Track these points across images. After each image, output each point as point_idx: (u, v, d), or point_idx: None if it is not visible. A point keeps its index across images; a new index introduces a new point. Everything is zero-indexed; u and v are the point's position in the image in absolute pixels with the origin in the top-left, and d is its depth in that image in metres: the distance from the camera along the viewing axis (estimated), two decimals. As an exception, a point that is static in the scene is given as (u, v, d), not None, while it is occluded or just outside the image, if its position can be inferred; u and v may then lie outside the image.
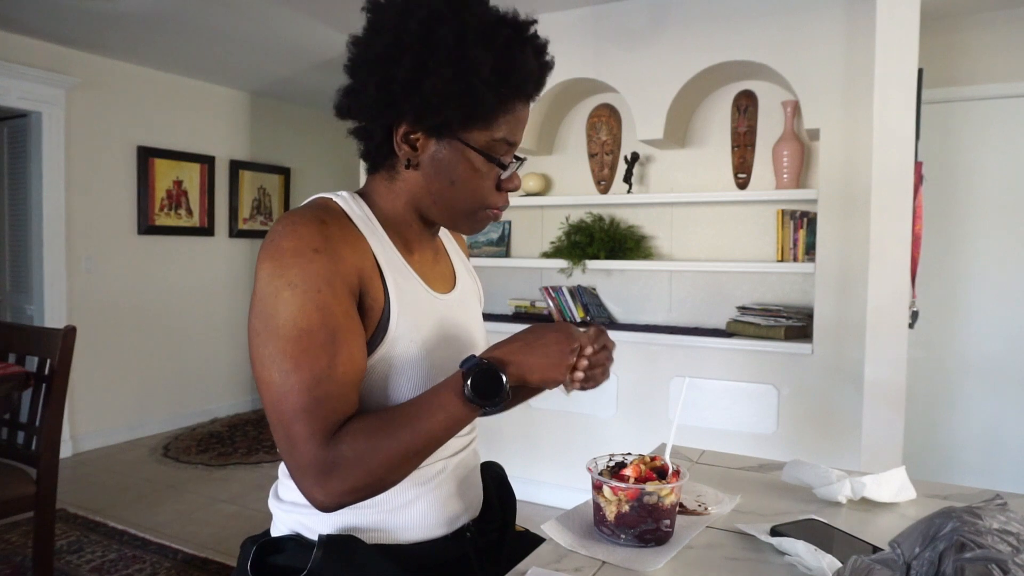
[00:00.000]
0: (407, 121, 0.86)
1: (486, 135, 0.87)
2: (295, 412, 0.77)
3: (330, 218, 0.85)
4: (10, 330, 2.33)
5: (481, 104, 0.84)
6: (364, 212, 0.92)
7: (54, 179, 3.86)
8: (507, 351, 0.83)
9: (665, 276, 3.31)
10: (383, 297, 0.87)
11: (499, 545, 1.03)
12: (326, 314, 0.79)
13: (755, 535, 0.93)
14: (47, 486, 2.08)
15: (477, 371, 0.80)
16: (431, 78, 0.82)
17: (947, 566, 0.58)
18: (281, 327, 0.78)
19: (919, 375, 3.12)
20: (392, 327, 0.87)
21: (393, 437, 0.78)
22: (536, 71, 0.89)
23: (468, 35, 0.82)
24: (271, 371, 0.78)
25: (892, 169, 2.30)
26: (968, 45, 3.05)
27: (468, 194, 0.90)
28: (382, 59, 0.84)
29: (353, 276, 0.83)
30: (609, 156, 3.39)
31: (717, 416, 2.96)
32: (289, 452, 0.78)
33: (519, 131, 0.91)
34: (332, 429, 0.78)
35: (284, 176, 5.29)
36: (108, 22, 3.48)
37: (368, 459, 0.77)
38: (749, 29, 2.86)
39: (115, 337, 4.23)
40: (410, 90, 0.83)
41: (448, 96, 0.83)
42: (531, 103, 0.93)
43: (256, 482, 3.60)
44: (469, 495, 1.00)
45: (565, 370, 0.83)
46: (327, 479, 0.77)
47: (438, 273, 1.00)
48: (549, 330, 0.85)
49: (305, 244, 0.80)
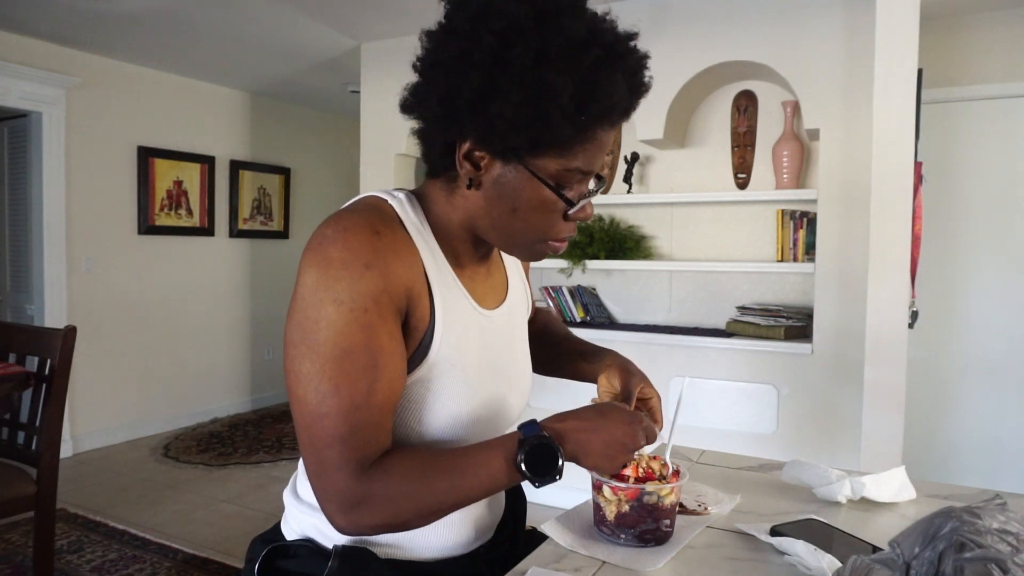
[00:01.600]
0: (471, 141, 0.78)
1: (559, 163, 0.78)
2: (329, 438, 0.74)
3: (383, 226, 0.78)
4: (10, 330, 2.33)
5: (555, 133, 0.75)
6: (419, 219, 0.85)
7: (54, 179, 3.86)
8: (569, 427, 0.78)
9: (665, 276, 3.31)
10: (429, 316, 0.82)
11: (510, 555, 1.01)
12: (370, 335, 0.74)
13: (755, 535, 0.93)
14: (47, 486, 2.08)
15: (535, 443, 0.76)
16: (500, 100, 0.73)
17: (947, 566, 0.58)
18: (322, 344, 0.73)
19: (919, 375, 3.12)
20: (434, 349, 0.82)
21: (429, 487, 0.75)
22: (625, 98, 0.77)
23: (549, 54, 0.72)
24: (307, 390, 0.74)
25: (892, 169, 2.30)
26: (968, 45, 3.05)
27: (530, 224, 0.82)
28: (449, 69, 0.76)
29: (402, 294, 0.78)
30: (609, 156, 3.39)
31: (717, 416, 2.96)
32: (318, 475, 0.75)
33: (599, 158, 0.81)
34: (366, 460, 0.75)
35: (284, 176, 5.29)
36: (108, 22, 3.48)
37: (399, 503, 0.74)
38: (749, 29, 2.86)
39: (115, 337, 4.23)
40: (475, 110, 0.75)
41: (517, 122, 0.74)
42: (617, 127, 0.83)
43: (256, 482, 3.60)
44: (495, 510, 0.98)
45: (620, 465, 0.80)
46: (353, 511, 0.74)
47: (489, 287, 0.94)
48: (619, 417, 0.80)
49: (356, 257, 0.74)
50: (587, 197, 0.83)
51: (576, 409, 0.82)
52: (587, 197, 0.83)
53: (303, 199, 5.44)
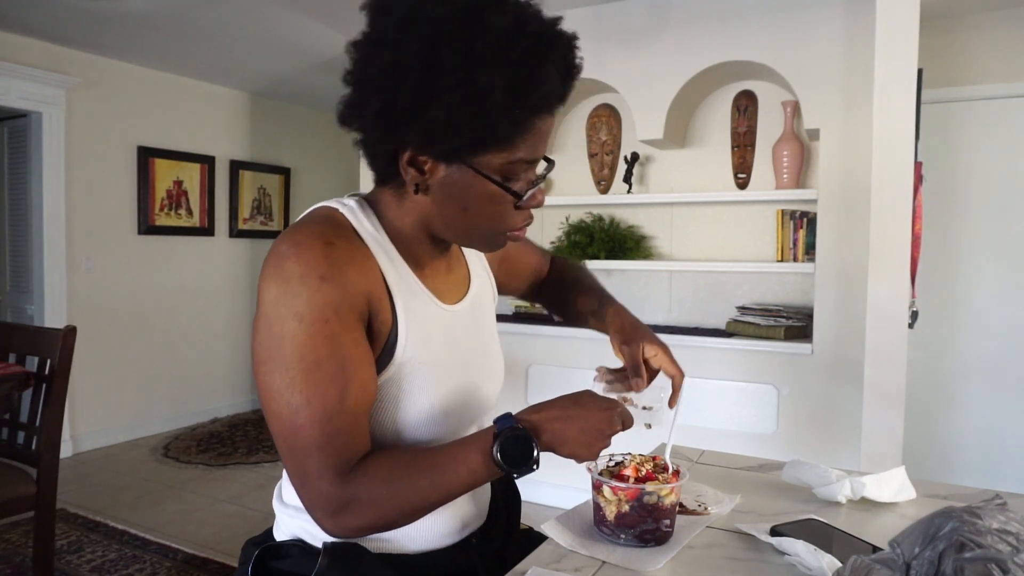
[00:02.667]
0: (412, 147, 0.79)
1: (503, 157, 0.79)
2: (307, 448, 0.75)
3: (336, 237, 0.80)
4: (10, 330, 2.33)
5: (494, 130, 0.76)
6: (373, 225, 0.86)
7: (54, 179, 3.86)
8: (544, 417, 0.79)
9: (665, 276, 3.31)
10: (391, 319, 0.83)
11: (504, 549, 1.02)
12: (335, 345, 0.76)
13: (755, 535, 0.93)
14: (47, 486, 2.08)
15: (509, 435, 0.77)
16: (435, 105, 0.74)
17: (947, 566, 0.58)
18: (289, 359, 0.75)
19: (919, 375, 3.12)
20: (400, 350, 0.84)
21: (411, 486, 0.76)
22: (558, 84, 0.78)
23: (476, 54, 0.72)
24: (280, 404, 0.76)
25: (892, 169, 2.30)
26: (968, 45, 3.05)
27: (483, 219, 0.83)
28: (381, 81, 0.76)
29: (362, 301, 0.79)
30: (609, 156, 3.39)
31: (717, 416, 2.96)
32: (301, 484, 0.77)
33: (541, 146, 0.83)
34: (346, 464, 0.76)
35: (284, 176, 5.29)
36: (108, 22, 3.48)
37: (383, 503, 0.76)
38: (749, 29, 2.86)
39: (115, 337, 4.23)
40: (412, 118, 0.76)
41: (455, 125, 0.75)
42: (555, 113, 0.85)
43: (256, 482, 3.60)
44: (479, 501, 0.98)
45: (597, 452, 0.80)
46: (339, 515, 0.76)
47: (451, 282, 0.96)
48: (595, 405, 0.81)
49: (311, 270, 0.75)
50: (536, 184, 0.84)
51: (551, 399, 0.82)
52: (536, 184, 0.84)
53: (303, 199, 5.44)
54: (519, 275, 1.21)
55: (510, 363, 3.36)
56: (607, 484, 0.89)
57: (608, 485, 0.89)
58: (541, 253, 1.26)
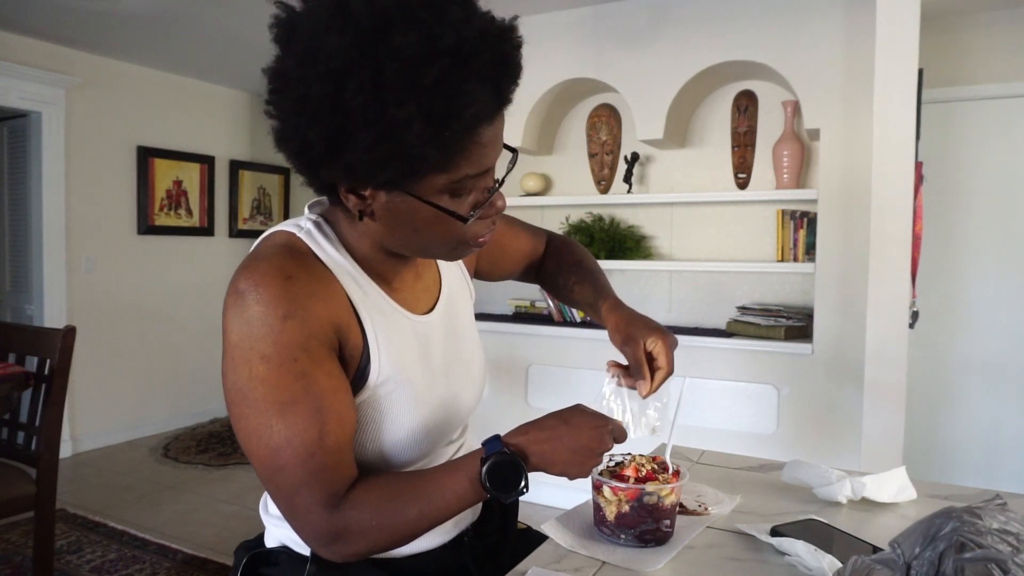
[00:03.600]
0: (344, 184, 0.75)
1: (445, 178, 0.73)
2: (293, 487, 0.74)
3: (296, 268, 0.76)
4: (10, 330, 2.33)
5: (423, 159, 0.69)
6: (333, 247, 0.82)
7: (54, 179, 3.86)
8: (532, 439, 0.77)
9: (665, 276, 3.31)
10: (362, 342, 0.81)
11: (499, 547, 1.01)
12: (308, 382, 0.73)
13: (755, 535, 0.92)
14: (47, 486, 2.08)
15: (496, 460, 0.75)
16: (350, 147, 0.68)
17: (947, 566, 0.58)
18: (261, 402, 0.73)
19: (919, 375, 3.12)
20: (373, 372, 0.82)
21: (400, 516, 0.76)
22: (489, 96, 0.70)
23: (385, 86, 0.65)
24: (258, 446, 0.74)
25: (892, 169, 2.30)
26: (968, 45, 3.05)
27: (439, 236, 0.78)
28: (292, 121, 0.71)
29: (329, 332, 0.77)
30: (609, 156, 3.39)
31: (717, 416, 2.96)
32: (292, 518, 0.76)
33: (490, 155, 0.75)
34: (334, 497, 0.75)
35: (284, 176, 5.29)
36: (108, 22, 3.48)
37: (373, 534, 0.76)
38: (749, 29, 2.86)
39: (115, 337, 4.23)
40: (331, 160, 0.70)
41: (377, 161, 0.68)
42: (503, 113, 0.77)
43: (256, 482, 3.59)
44: None
45: (588, 469, 0.79)
46: (333, 545, 0.76)
47: (420, 290, 0.93)
48: (585, 422, 0.79)
49: (272, 309, 0.73)
50: (494, 190, 0.79)
51: (540, 418, 0.80)
52: (494, 190, 0.79)
53: (303, 199, 5.43)
54: (509, 260, 1.16)
55: (510, 363, 3.36)
56: (607, 484, 0.89)
57: (608, 485, 0.89)
58: (534, 234, 1.20)
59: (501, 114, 0.75)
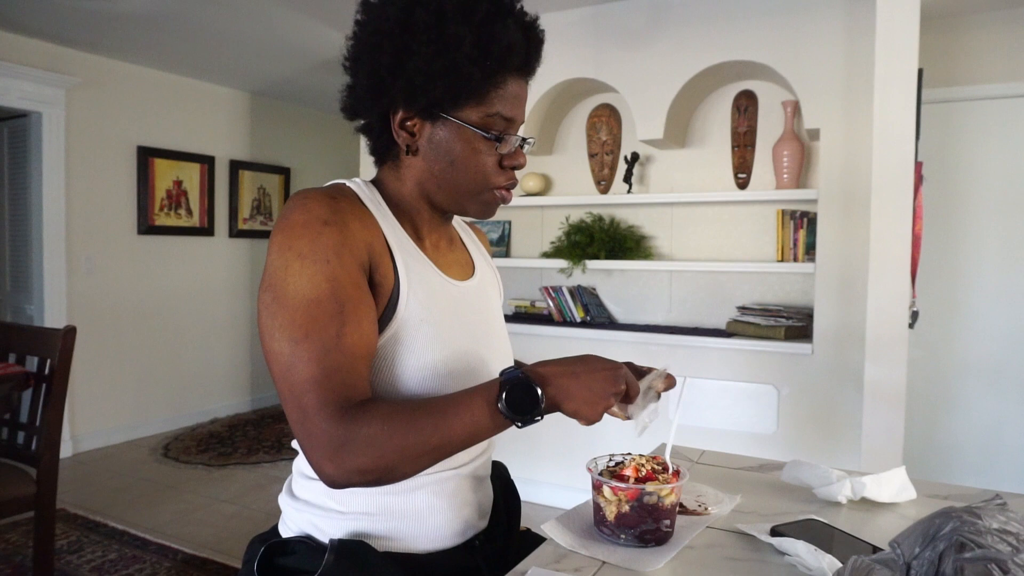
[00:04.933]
0: (401, 107, 0.88)
1: (479, 111, 0.87)
2: (305, 383, 0.76)
3: (340, 196, 0.86)
4: (10, 330, 2.33)
5: (467, 79, 0.84)
6: (375, 197, 0.92)
7: (54, 179, 3.86)
8: (551, 371, 0.79)
9: (665, 276, 3.31)
10: (393, 275, 0.87)
11: (506, 550, 1.02)
12: (335, 285, 0.79)
13: (755, 535, 0.93)
14: (47, 486, 2.08)
15: (515, 383, 0.77)
16: (413, 59, 0.84)
17: (947, 566, 0.58)
18: (291, 298, 0.78)
19: (919, 375, 3.12)
20: (402, 306, 0.86)
21: (412, 426, 0.76)
22: (521, 42, 0.87)
23: (446, 13, 0.83)
24: (280, 342, 0.78)
25: (892, 169, 2.30)
26: (968, 45, 3.05)
27: (470, 173, 0.90)
28: (368, 50, 0.87)
29: (362, 249, 0.83)
30: (609, 156, 3.39)
31: (717, 416, 2.96)
32: (301, 423, 0.77)
33: (517, 108, 0.91)
34: (344, 403, 0.76)
35: (284, 176, 5.29)
36: (108, 22, 3.48)
37: (382, 443, 0.75)
38: (749, 29, 2.86)
39: (115, 337, 4.23)
40: (395, 74, 0.85)
41: (432, 74, 0.84)
42: (527, 80, 0.92)
43: (256, 482, 3.59)
44: (483, 504, 0.99)
45: (602, 411, 0.80)
46: (337, 454, 0.75)
47: (452, 260, 0.99)
48: (600, 364, 0.81)
49: (314, 216, 0.81)
50: (519, 141, 0.92)
51: (557, 358, 0.82)
52: (519, 141, 0.92)
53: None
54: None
55: (510, 363, 3.36)
56: (607, 484, 0.89)
57: (608, 485, 0.89)
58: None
59: (527, 80, 0.92)
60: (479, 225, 3.19)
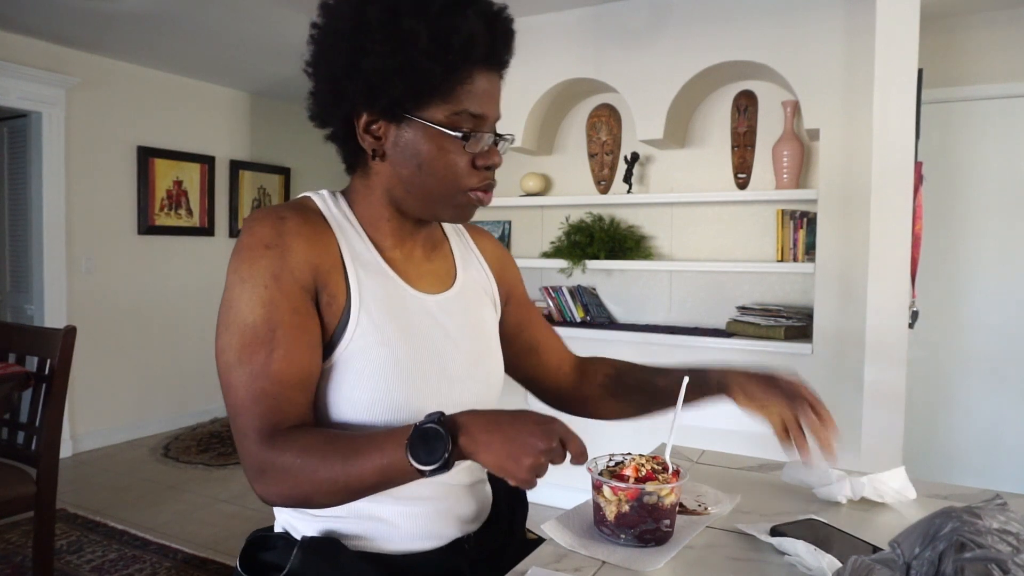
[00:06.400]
0: (363, 110, 0.84)
1: (445, 109, 0.83)
2: (237, 406, 0.79)
3: (293, 214, 0.85)
4: (10, 330, 2.33)
5: (426, 76, 0.80)
6: (340, 210, 0.90)
7: (54, 179, 3.86)
8: (472, 420, 0.75)
9: (665, 276, 3.31)
10: (344, 294, 0.84)
11: (500, 554, 1.00)
12: (270, 310, 0.80)
13: (755, 535, 0.92)
14: (47, 486, 2.08)
15: (424, 429, 0.73)
16: (368, 58, 0.80)
17: (947, 566, 0.58)
18: (231, 321, 0.80)
19: (919, 375, 3.12)
20: (351, 325, 0.84)
21: (324, 463, 0.75)
22: (483, 33, 0.82)
23: (400, 8, 0.79)
24: (221, 363, 0.81)
25: (892, 169, 2.30)
26: (968, 45, 3.05)
27: (439, 175, 0.85)
28: (325, 52, 0.85)
29: (305, 271, 0.82)
30: (609, 156, 3.39)
31: (717, 416, 2.95)
32: (236, 443, 0.81)
33: (487, 104, 0.85)
34: (272, 428, 0.78)
35: (284, 176, 5.29)
36: (108, 22, 3.48)
37: (295, 475, 0.75)
38: (749, 29, 2.86)
39: (115, 337, 4.23)
40: (352, 75, 0.82)
41: (389, 73, 0.80)
42: (498, 74, 0.87)
43: (256, 482, 3.59)
44: (471, 508, 0.96)
45: (528, 467, 0.72)
46: (260, 477, 0.78)
47: (427, 272, 0.95)
48: (530, 418, 0.75)
49: (257, 240, 0.82)
50: (482, 141, 0.86)
51: (492, 410, 0.78)
52: (482, 141, 0.86)
53: (303, 199, 5.44)
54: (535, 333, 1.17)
55: (510, 363, 3.36)
56: (607, 484, 0.89)
57: (608, 485, 0.89)
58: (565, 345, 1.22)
59: (498, 72, 0.87)
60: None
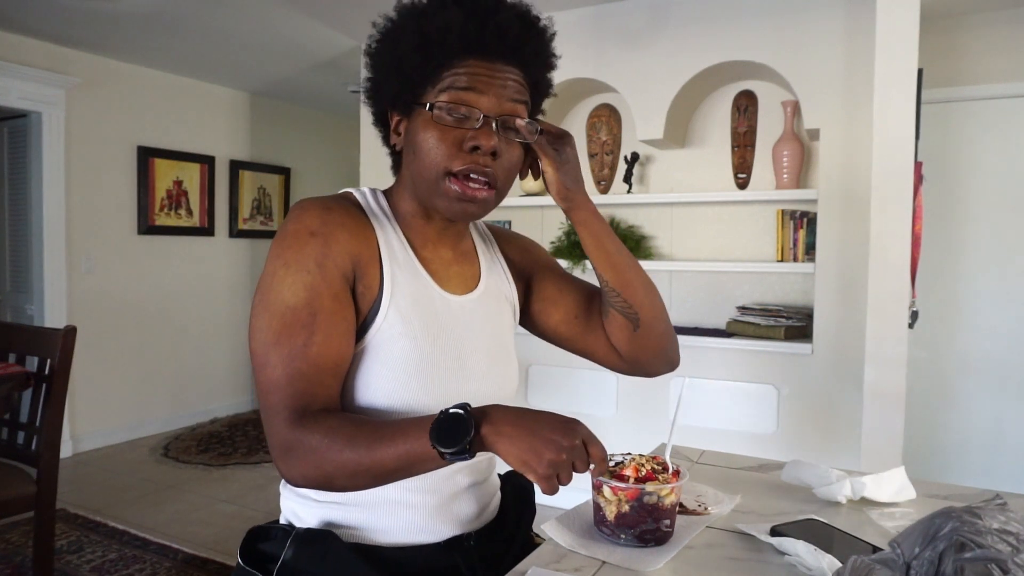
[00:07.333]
0: (391, 110, 0.93)
1: (434, 96, 0.87)
2: (270, 384, 0.81)
3: (338, 205, 0.89)
4: (10, 330, 2.33)
5: (412, 66, 0.87)
6: (380, 206, 0.95)
7: (54, 179, 3.86)
8: (497, 413, 0.76)
9: (665, 276, 3.31)
10: (378, 285, 0.88)
11: (503, 554, 1.00)
12: (312, 294, 0.82)
13: (755, 535, 0.93)
14: (47, 486, 2.08)
15: (449, 413, 0.75)
16: (375, 58, 0.92)
17: (947, 566, 0.58)
18: (272, 303, 0.83)
19: (919, 375, 3.12)
20: (380, 316, 0.87)
21: (349, 446, 0.76)
22: (460, 22, 0.84)
23: (400, 10, 0.90)
24: (258, 342, 0.83)
25: (892, 169, 2.30)
26: (968, 45, 3.05)
27: (429, 160, 0.87)
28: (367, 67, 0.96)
29: (346, 260, 0.86)
30: (609, 156, 3.39)
31: (717, 416, 2.96)
32: (265, 420, 0.82)
33: (475, 84, 0.85)
34: (302, 409, 0.80)
35: (284, 176, 5.29)
36: (108, 22, 3.48)
37: (321, 456, 0.77)
38: (749, 29, 2.86)
39: (115, 337, 4.23)
40: (378, 79, 0.93)
41: (387, 67, 0.90)
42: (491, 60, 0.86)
43: (256, 482, 3.59)
44: (466, 509, 0.95)
45: (549, 463, 0.72)
46: (285, 458, 0.79)
47: (455, 274, 0.98)
48: (554, 417, 0.76)
49: (303, 227, 0.85)
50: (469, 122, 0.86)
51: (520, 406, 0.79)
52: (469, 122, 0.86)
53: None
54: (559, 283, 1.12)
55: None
56: (607, 484, 0.89)
57: (608, 485, 0.89)
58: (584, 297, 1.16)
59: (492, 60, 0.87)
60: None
